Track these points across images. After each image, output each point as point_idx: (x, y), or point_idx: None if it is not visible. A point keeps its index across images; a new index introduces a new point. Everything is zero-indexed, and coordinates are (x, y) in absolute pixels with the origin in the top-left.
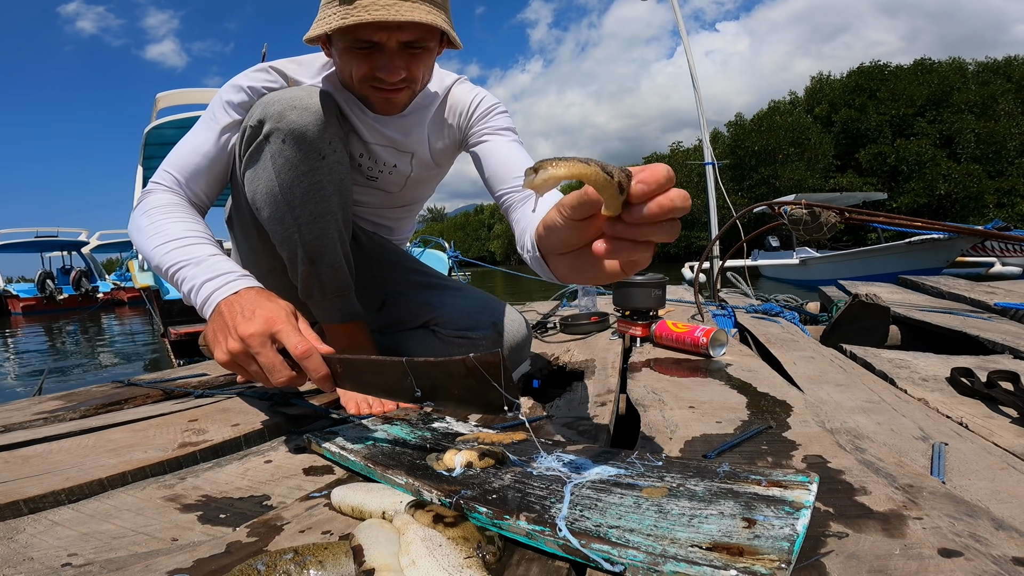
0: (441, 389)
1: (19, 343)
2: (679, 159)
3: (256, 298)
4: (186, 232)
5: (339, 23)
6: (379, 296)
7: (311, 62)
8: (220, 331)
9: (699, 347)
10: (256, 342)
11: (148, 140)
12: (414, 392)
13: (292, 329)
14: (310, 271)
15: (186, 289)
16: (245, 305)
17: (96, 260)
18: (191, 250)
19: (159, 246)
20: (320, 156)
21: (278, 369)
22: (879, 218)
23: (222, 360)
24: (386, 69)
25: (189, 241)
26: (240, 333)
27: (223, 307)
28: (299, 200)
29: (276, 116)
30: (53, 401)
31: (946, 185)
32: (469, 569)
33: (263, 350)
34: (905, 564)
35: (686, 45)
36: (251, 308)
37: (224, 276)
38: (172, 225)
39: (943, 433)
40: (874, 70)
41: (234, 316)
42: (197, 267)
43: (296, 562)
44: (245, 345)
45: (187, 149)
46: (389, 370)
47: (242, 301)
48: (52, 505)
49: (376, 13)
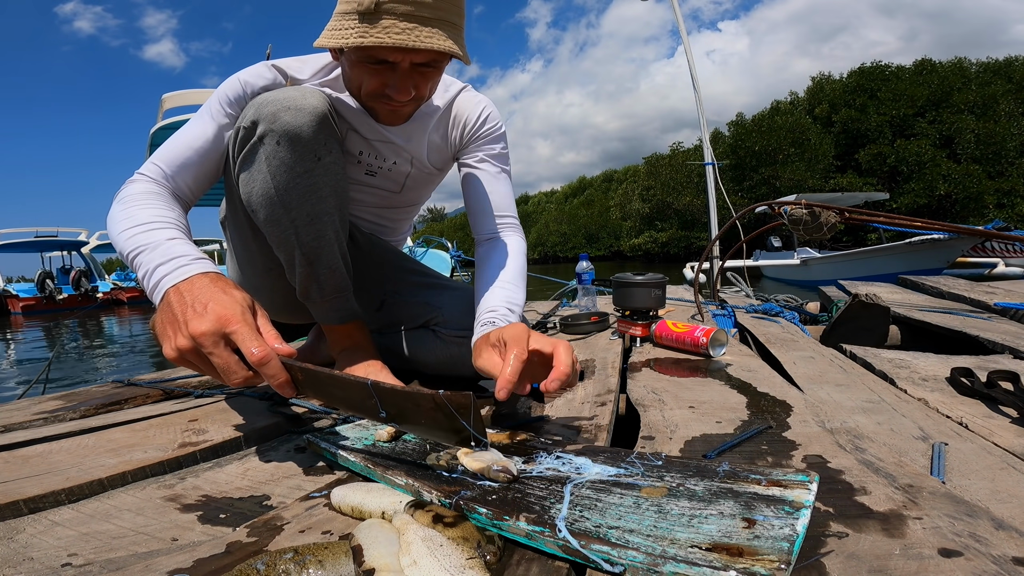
0: (408, 416)
1: (19, 343)
2: (679, 159)
3: (209, 288)
4: (152, 217)
5: (357, 41)
6: (378, 296)
7: (315, 61)
8: (169, 324)
9: (699, 347)
10: (208, 341)
11: (154, 140)
12: (379, 413)
13: (248, 330)
14: (308, 273)
15: (141, 275)
16: (197, 296)
17: (96, 260)
18: (151, 235)
19: (124, 231)
20: (316, 157)
21: (233, 370)
22: (879, 218)
23: (171, 356)
24: (397, 88)
25: (153, 226)
26: (191, 330)
27: (172, 296)
28: (295, 202)
29: (270, 117)
30: (53, 401)
31: (946, 185)
32: (471, 571)
33: (216, 350)
34: (905, 564)
35: (686, 45)
36: (203, 301)
37: (176, 260)
38: (141, 211)
39: (943, 433)
40: (875, 70)
41: (184, 309)
42: (153, 252)
43: (296, 561)
44: (196, 344)
45: (178, 142)
46: (354, 389)
47: (194, 291)
48: (52, 505)
49: (396, 37)
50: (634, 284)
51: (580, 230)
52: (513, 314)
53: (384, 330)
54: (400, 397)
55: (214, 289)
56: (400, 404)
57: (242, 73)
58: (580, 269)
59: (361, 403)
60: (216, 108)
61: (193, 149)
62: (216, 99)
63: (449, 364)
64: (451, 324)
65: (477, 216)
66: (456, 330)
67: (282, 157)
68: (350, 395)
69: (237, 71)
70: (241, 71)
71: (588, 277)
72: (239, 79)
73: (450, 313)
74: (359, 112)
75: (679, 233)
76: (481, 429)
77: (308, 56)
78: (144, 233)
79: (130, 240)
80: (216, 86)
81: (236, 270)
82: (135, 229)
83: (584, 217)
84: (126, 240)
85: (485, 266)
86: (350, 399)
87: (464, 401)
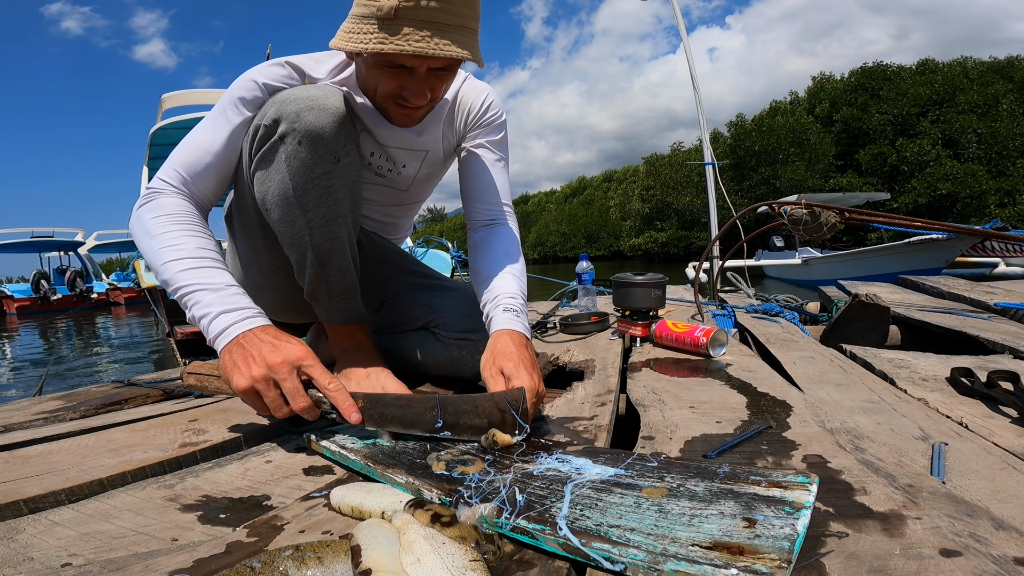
0: (465, 418)
1: (13, 344)
2: (679, 159)
3: (279, 336)
4: (200, 251)
5: (377, 47)
6: (377, 297)
7: (326, 60)
8: (241, 359)
9: (699, 347)
10: (284, 369)
11: (153, 140)
12: (435, 424)
13: (321, 365)
14: (318, 274)
15: (197, 313)
16: (269, 339)
17: (94, 260)
18: (207, 274)
19: (172, 261)
20: (335, 159)
21: (301, 394)
22: (879, 218)
23: (242, 385)
24: (413, 92)
25: (205, 263)
26: (268, 361)
27: (243, 340)
28: (312, 204)
29: (292, 116)
30: (53, 401)
31: (948, 185)
32: (474, 572)
33: (289, 377)
34: (905, 564)
35: (686, 44)
36: (275, 343)
37: (241, 311)
38: (185, 239)
39: (943, 433)
40: (876, 70)
41: (260, 347)
42: (214, 294)
43: (295, 558)
44: (271, 372)
45: (195, 146)
46: (417, 404)
47: (265, 336)
48: (52, 505)
49: (416, 45)
50: (634, 284)
51: (580, 230)
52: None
53: (383, 331)
54: (461, 401)
55: (281, 335)
56: (460, 409)
57: (255, 73)
58: (580, 269)
59: (419, 418)
60: (233, 111)
61: (213, 154)
62: (232, 101)
63: (449, 366)
64: (451, 327)
65: (475, 202)
66: (456, 332)
67: (302, 158)
68: (409, 412)
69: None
70: (253, 70)
71: (588, 277)
72: (255, 80)
73: (450, 315)
74: (373, 113)
75: (679, 233)
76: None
77: (317, 54)
78: (197, 270)
79: (182, 274)
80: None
81: (240, 269)
82: (186, 263)
83: (584, 217)
84: (177, 272)
85: (488, 250)
86: (406, 416)
87: (517, 395)
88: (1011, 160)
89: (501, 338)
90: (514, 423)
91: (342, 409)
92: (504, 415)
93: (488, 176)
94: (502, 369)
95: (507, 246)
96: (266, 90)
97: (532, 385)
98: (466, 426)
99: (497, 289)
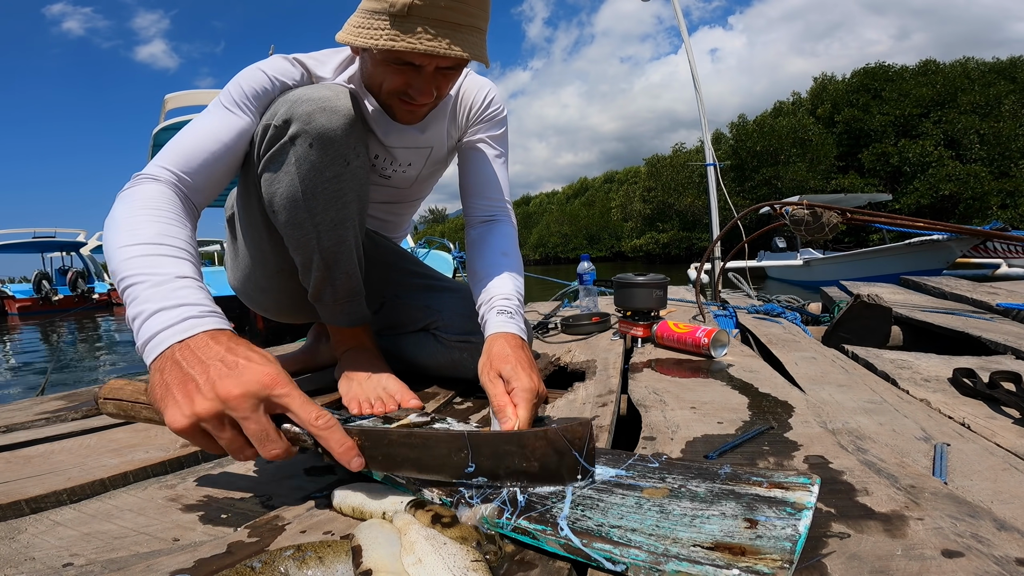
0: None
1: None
2: (680, 160)
3: (236, 347)
4: (158, 236)
5: (388, 44)
6: (377, 298)
7: (329, 59)
8: (178, 385)
9: (700, 348)
10: (246, 405)
11: (156, 141)
12: (466, 467)
13: (301, 394)
14: (324, 277)
15: (131, 312)
16: (220, 354)
17: (96, 261)
18: (156, 263)
19: (122, 246)
20: (345, 162)
21: (271, 438)
22: (880, 218)
23: (180, 425)
24: (420, 90)
25: (160, 251)
26: (220, 392)
27: (179, 353)
28: (321, 207)
29: (304, 117)
30: (55, 401)
31: (950, 186)
32: (476, 573)
33: (254, 415)
34: (907, 565)
35: (687, 45)
36: (229, 358)
37: (185, 308)
38: (146, 224)
39: (945, 434)
40: (878, 70)
41: (206, 368)
42: (154, 288)
43: (296, 558)
44: (225, 408)
45: (195, 138)
46: (438, 444)
47: (214, 348)
48: (54, 505)
49: (428, 44)
50: (636, 285)
51: (581, 231)
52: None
53: (384, 332)
54: (501, 441)
55: (239, 346)
56: (500, 452)
57: (265, 67)
58: (581, 270)
59: (442, 461)
60: (237, 102)
61: (214, 145)
62: (237, 92)
63: (450, 368)
64: (451, 328)
65: (474, 197)
66: (456, 335)
67: (313, 160)
68: (427, 454)
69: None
70: (261, 63)
71: (589, 278)
72: (264, 72)
73: (450, 317)
74: (379, 114)
75: (680, 234)
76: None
77: (317, 53)
78: (145, 257)
79: (126, 262)
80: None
81: (241, 270)
82: (135, 249)
83: (585, 218)
84: (122, 260)
85: (485, 249)
86: (422, 459)
87: (581, 432)
88: (1014, 161)
89: (496, 342)
90: (575, 466)
91: (337, 454)
92: (563, 457)
93: (488, 171)
94: (500, 372)
95: (504, 244)
96: (277, 83)
97: (532, 385)
98: (509, 471)
99: (492, 290)
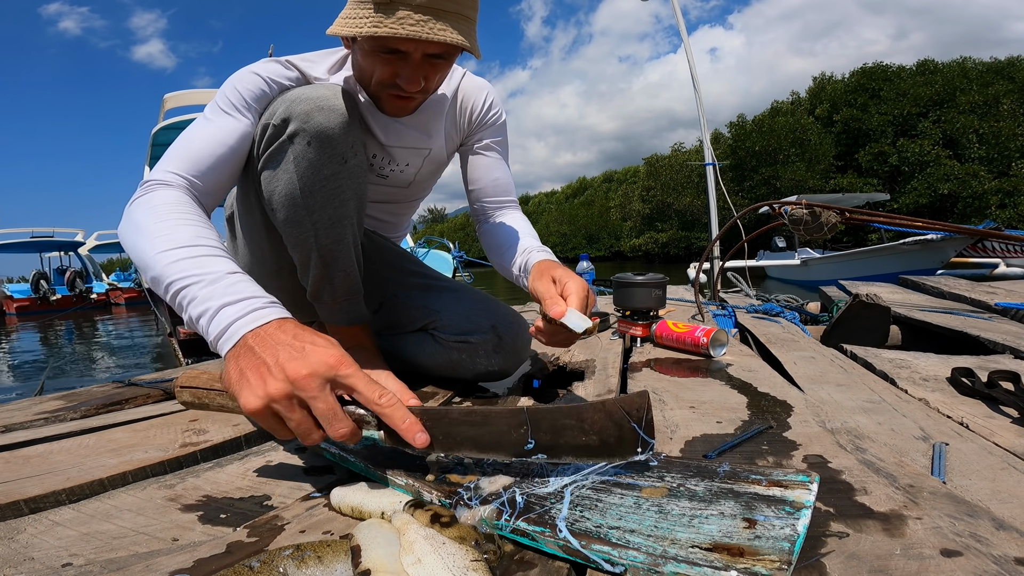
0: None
1: (12, 345)
2: (679, 159)
3: (302, 334)
4: (198, 239)
5: (371, 31)
6: (376, 298)
7: (322, 60)
8: (253, 370)
9: (699, 347)
10: (313, 384)
11: (155, 141)
12: (526, 444)
13: (364, 374)
14: (323, 275)
15: (194, 312)
16: (288, 340)
17: (94, 260)
18: (205, 263)
19: (161, 253)
20: (343, 160)
21: (339, 417)
22: (879, 218)
23: (254, 407)
24: (408, 79)
25: (203, 252)
26: (289, 373)
27: (253, 341)
28: (319, 205)
29: (302, 116)
30: (54, 401)
31: (948, 185)
32: (475, 573)
33: (321, 394)
34: (906, 564)
35: (687, 45)
36: (297, 344)
37: (251, 301)
38: (180, 228)
39: (944, 433)
40: (876, 70)
41: (276, 351)
42: (213, 285)
43: (295, 557)
44: (294, 388)
45: (200, 142)
46: (497, 420)
47: (282, 336)
48: (53, 505)
49: (411, 28)
50: (634, 284)
51: (580, 231)
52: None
53: (382, 332)
54: (560, 415)
55: (305, 333)
56: (559, 425)
57: (258, 70)
58: (581, 269)
59: (501, 438)
60: (236, 105)
61: (219, 149)
62: (235, 95)
63: (448, 368)
64: (450, 329)
65: (483, 199)
66: (455, 335)
67: (311, 158)
68: (487, 430)
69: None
70: (254, 65)
71: (589, 277)
72: (259, 75)
73: (449, 318)
74: (377, 114)
75: (679, 234)
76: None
77: (309, 55)
78: (190, 260)
79: (171, 266)
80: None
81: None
82: (177, 252)
83: (584, 218)
84: (166, 264)
85: (504, 227)
86: (481, 437)
87: (640, 403)
88: (1012, 160)
89: (544, 261)
90: (635, 439)
91: (402, 429)
92: (622, 429)
93: (496, 175)
94: (552, 276)
95: (521, 223)
96: (274, 85)
97: (583, 285)
98: (568, 446)
99: (525, 243)
